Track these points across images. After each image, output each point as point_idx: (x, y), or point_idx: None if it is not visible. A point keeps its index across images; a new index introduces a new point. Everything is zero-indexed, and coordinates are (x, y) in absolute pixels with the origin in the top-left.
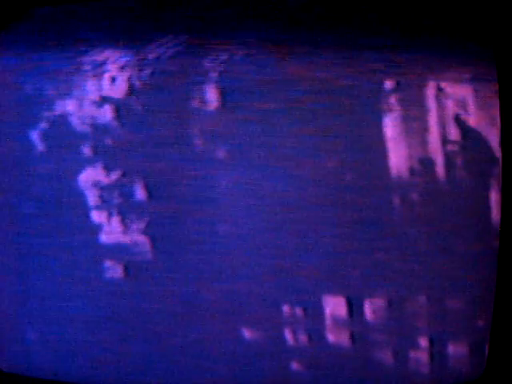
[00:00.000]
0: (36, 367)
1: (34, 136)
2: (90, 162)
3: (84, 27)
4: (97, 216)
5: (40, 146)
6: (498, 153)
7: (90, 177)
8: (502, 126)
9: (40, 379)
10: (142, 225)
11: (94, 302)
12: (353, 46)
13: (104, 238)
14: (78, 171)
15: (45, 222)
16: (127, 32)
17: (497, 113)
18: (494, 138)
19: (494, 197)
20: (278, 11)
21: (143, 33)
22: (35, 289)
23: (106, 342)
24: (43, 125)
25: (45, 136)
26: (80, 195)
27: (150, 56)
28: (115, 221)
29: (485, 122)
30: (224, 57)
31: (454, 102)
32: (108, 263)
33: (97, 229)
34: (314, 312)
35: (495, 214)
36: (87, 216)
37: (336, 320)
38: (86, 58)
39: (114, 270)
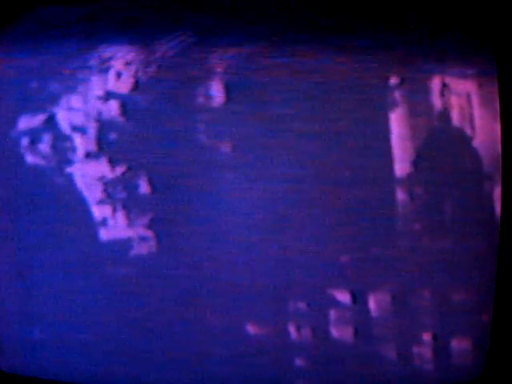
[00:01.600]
0: (36, 367)
1: (39, 132)
2: (94, 156)
3: (88, 24)
4: (101, 210)
5: (45, 142)
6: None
7: (95, 171)
8: (501, 121)
9: (40, 379)
10: (146, 219)
11: (96, 300)
12: (357, 43)
13: (108, 232)
14: (83, 166)
15: (48, 218)
16: (132, 28)
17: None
18: (497, 132)
19: (498, 192)
20: (283, 8)
21: (148, 29)
22: (36, 287)
23: (106, 340)
24: (48, 120)
25: (50, 131)
26: (84, 190)
27: (156, 52)
28: (120, 215)
29: (489, 117)
30: (229, 53)
31: (458, 97)
32: (112, 258)
33: (101, 223)
34: (318, 307)
35: (499, 208)
36: (91, 210)
37: (340, 315)
38: (92, 54)
39: (117, 265)
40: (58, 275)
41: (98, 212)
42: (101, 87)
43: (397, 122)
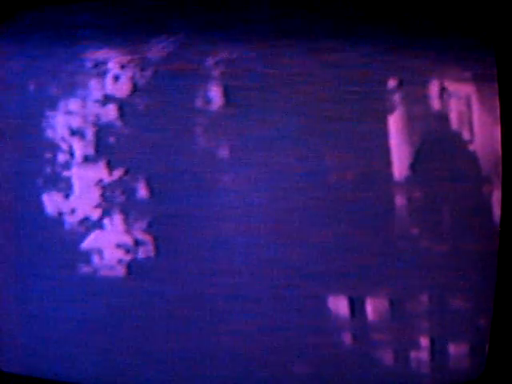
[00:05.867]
0: (36, 367)
1: (37, 135)
2: (92, 160)
3: (85, 26)
4: (99, 214)
5: (42, 145)
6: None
7: (93, 175)
8: (501, 124)
9: (40, 379)
10: (144, 223)
11: (95, 302)
12: (356, 45)
13: (106, 236)
14: (81, 169)
15: (45, 221)
16: (130, 31)
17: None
18: (496, 135)
19: (496, 196)
20: (281, 9)
21: (145, 31)
22: (35, 288)
23: (106, 341)
24: (46, 124)
25: (47, 135)
26: (82, 193)
27: (153, 55)
28: (117, 219)
29: (488, 120)
30: (227, 55)
31: (457, 100)
32: (110, 262)
33: (99, 227)
34: (316, 311)
35: (497, 212)
36: (89, 214)
37: (338, 319)
38: (89, 57)
39: (116, 268)
40: (58, 277)
41: (95, 216)
42: (99, 91)
43: (395, 125)
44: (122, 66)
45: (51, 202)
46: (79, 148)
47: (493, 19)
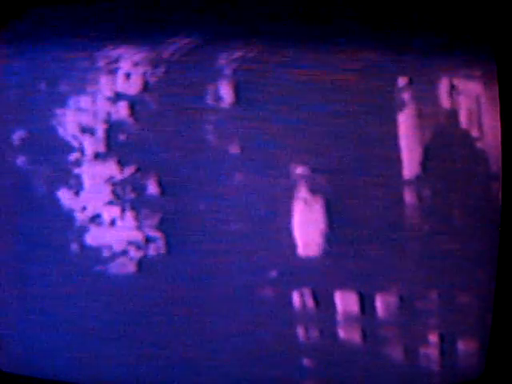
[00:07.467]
0: (36, 367)
1: (48, 132)
2: (103, 157)
3: (96, 24)
4: (110, 211)
5: (53, 142)
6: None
7: (104, 172)
8: (502, 123)
9: (40, 379)
10: (155, 220)
11: (99, 301)
12: (365, 44)
13: (117, 233)
14: (92, 167)
15: (55, 218)
16: (141, 29)
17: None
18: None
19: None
20: (290, 9)
21: (157, 30)
22: (36, 288)
23: (111, 340)
24: (56, 121)
25: (58, 132)
26: (93, 190)
27: (164, 53)
28: (128, 216)
29: (496, 118)
30: (238, 53)
31: (466, 98)
32: (121, 259)
33: (110, 224)
34: (326, 308)
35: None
36: (100, 211)
37: (347, 316)
38: (100, 55)
39: (126, 265)
40: (60, 275)
41: (106, 213)
42: (109, 88)
43: (405, 124)
44: (134, 64)
45: (62, 199)
46: (90, 145)
47: (495, 20)
